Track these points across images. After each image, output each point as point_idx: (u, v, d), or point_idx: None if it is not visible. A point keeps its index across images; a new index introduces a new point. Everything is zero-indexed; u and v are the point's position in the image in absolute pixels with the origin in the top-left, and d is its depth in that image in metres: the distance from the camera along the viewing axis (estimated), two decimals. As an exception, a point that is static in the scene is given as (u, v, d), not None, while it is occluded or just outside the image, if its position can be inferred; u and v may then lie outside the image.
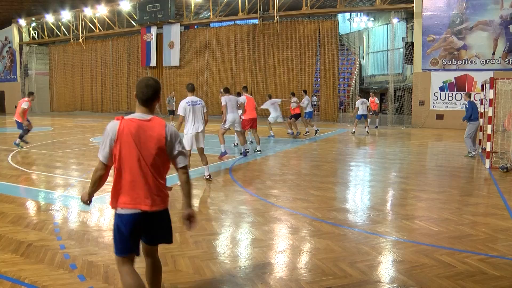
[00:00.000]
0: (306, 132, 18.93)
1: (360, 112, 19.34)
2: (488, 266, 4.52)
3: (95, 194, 3.53)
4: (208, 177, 8.97)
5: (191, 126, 8.51)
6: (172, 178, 4.02)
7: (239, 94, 14.16)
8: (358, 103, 19.42)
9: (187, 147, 8.40)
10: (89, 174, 9.43)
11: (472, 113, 12.13)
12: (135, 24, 33.29)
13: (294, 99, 17.73)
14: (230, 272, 4.37)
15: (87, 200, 3.52)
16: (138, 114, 3.24)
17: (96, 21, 34.83)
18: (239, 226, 5.98)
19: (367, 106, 19.96)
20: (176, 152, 3.30)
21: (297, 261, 4.67)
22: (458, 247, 5.09)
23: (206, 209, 6.89)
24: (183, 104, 8.45)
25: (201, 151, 8.81)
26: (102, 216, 6.37)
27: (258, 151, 12.87)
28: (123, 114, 34.60)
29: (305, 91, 19.14)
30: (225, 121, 11.71)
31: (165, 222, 3.39)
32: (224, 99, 11.67)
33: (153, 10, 31.08)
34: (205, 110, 8.77)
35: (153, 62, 32.40)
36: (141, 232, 3.30)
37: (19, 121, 13.84)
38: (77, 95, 37.49)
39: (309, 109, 18.34)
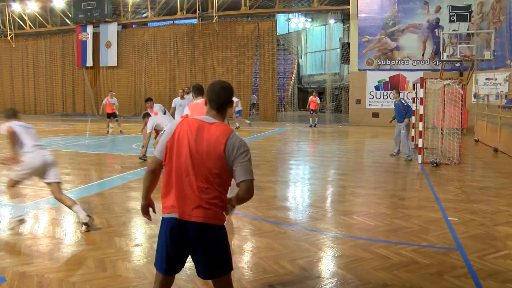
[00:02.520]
0: (237, 127, 20.03)
1: (238, 109, 20.59)
2: (420, 256, 4.74)
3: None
4: None
5: None
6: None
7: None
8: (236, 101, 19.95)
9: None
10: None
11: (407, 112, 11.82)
12: (69, 23, 32.02)
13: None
14: (171, 275, 4.29)
15: (146, 210, 3.24)
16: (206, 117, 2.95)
17: (26, 18, 33.12)
18: (180, 228, 5.89)
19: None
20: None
21: (238, 261, 4.67)
22: (393, 239, 5.29)
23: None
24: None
25: None
26: (36, 222, 6.06)
27: None
28: (58, 116, 33.15)
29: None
30: None
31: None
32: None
33: (88, 8, 30.02)
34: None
35: (89, 62, 31.27)
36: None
37: None
38: (7, 96, 35.38)
39: (237, 108, 19.06)
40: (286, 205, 7.12)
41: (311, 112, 23.13)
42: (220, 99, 2.94)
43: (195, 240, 2.86)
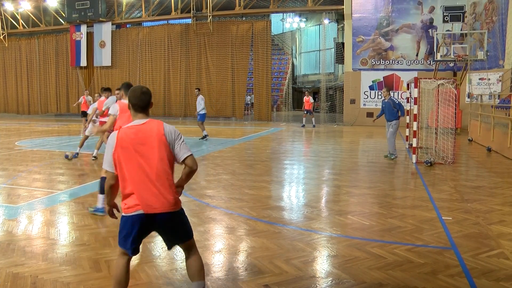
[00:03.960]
0: (205, 136, 16.52)
1: (201, 111, 16.53)
2: (414, 255, 4.76)
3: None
4: None
5: None
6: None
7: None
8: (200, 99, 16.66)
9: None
10: (15, 180, 8.93)
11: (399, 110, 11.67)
12: (63, 22, 31.88)
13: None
14: (166, 275, 4.29)
15: (111, 212, 3.68)
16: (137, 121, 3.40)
17: (19, 17, 32.95)
18: (175, 228, 5.89)
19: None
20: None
21: (233, 261, 4.67)
22: (388, 239, 5.31)
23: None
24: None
25: None
26: (30, 223, 6.03)
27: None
28: (52, 116, 33.03)
29: (198, 89, 16.86)
30: None
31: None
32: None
33: (82, 8, 29.93)
34: None
35: (83, 62, 31.18)
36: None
37: None
38: (0, 96, 35.27)
39: (202, 111, 16.44)
40: (281, 205, 7.12)
41: (305, 112, 23.17)
42: (142, 103, 3.38)
43: (163, 226, 3.37)
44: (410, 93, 14.60)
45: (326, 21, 28.62)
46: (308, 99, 23.07)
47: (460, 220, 6.06)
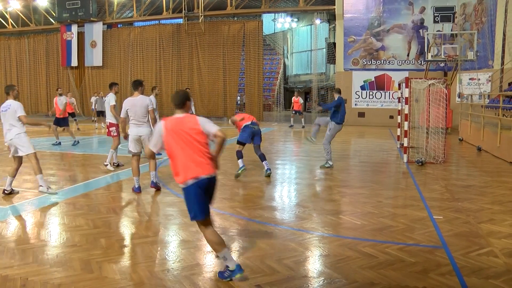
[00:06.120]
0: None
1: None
2: (406, 254, 4.79)
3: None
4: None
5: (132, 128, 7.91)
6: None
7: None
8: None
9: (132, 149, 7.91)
10: (5, 181, 8.83)
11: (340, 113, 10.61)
12: (53, 22, 31.65)
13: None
14: (158, 275, 4.28)
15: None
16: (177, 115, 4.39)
17: (8, 17, 32.66)
18: (166, 228, 5.88)
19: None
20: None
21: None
22: (380, 238, 5.34)
23: (132, 212, 6.71)
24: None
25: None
26: (21, 225, 5.98)
27: None
28: (43, 116, 32.85)
29: (154, 88, 14.46)
30: None
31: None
32: None
33: (73, 8, 29.73)
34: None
35: (74, 62, 30.98)
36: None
37: None
38: (-11, 96, 34.93)
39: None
40: (273, 205, 7.13)
41: (294, 112, 23.11)
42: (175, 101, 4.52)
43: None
44: (401, 93, 14.67)
45: (317, 21, 28.71)
46: (297, 100, 23.01)
47: (450, 219, 6.10)
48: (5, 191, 7.49)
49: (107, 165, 10.14)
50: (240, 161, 9.33)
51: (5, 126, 7.35)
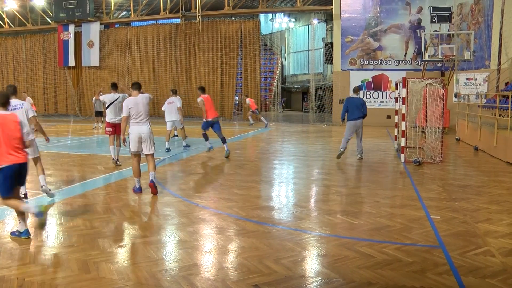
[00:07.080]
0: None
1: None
2: (403, 254, 4.80)
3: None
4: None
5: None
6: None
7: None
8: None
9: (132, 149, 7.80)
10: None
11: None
12: (50, 22, 31.57)
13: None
14: (156, 275, 4.27)
15: None
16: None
17: (5, 16, 32.55)
18: (163, 228, 5.87)
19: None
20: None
21: (223, 261, 4.66)
22: (377, 238, 5.34)
23: (129, 212, 6.70)
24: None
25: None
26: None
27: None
28: (40, 116, 32.83)
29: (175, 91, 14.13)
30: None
31: None
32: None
33: (70, 7, 29.66)
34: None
35: (71, 62, 30.90)
36: None
37: None
38: (-14, 96, 34.75)
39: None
40: (270, 205, 7.13)
41: (252, 112, 23.31)
42: None
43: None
44: (398, 93, 14.68)
45: (315, 21, 28.69)
46: (252, 100, 23.38)
47: (448, 219, 6.11)
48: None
49: (116, 160, 10.63)
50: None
51: None
